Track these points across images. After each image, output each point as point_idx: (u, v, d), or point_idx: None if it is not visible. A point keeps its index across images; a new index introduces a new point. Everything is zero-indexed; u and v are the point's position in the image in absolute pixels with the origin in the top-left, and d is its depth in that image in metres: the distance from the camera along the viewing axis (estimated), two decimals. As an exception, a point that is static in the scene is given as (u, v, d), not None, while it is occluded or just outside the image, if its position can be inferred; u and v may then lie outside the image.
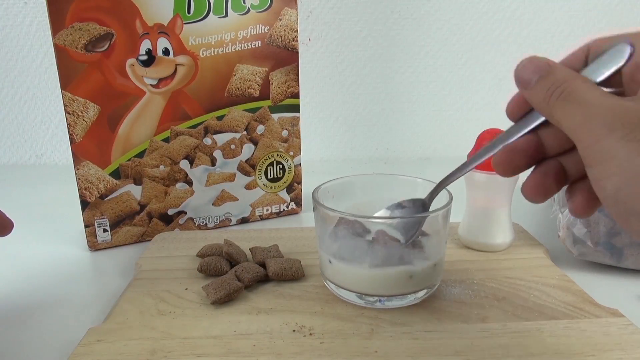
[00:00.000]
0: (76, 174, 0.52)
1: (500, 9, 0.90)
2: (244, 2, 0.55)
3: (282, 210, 0.64)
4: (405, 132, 0.95)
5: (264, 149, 0.60)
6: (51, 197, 0.74)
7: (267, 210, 0.63)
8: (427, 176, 0.46)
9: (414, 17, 0.90)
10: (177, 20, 0.52)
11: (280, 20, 0.57)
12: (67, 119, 0.50)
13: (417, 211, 0.40)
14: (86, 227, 0.54)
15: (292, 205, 0.65)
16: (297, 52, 0.59)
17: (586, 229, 0.46)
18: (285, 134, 0.61)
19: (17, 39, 0.89)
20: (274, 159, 0.61)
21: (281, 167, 0.62)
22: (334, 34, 0.90)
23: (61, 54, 0.49)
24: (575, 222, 0.46)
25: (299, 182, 0.64)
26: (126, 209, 0.55)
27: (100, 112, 0.52)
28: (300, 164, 0.63)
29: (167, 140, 0.55)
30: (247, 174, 0.60)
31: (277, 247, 0.49)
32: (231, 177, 0.60)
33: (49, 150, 0.94)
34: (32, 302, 0.45)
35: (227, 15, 0.54)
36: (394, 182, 0.47)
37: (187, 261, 0.49)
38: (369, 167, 0.89)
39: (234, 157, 0.59)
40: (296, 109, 0.61)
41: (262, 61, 0.57)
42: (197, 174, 0.58)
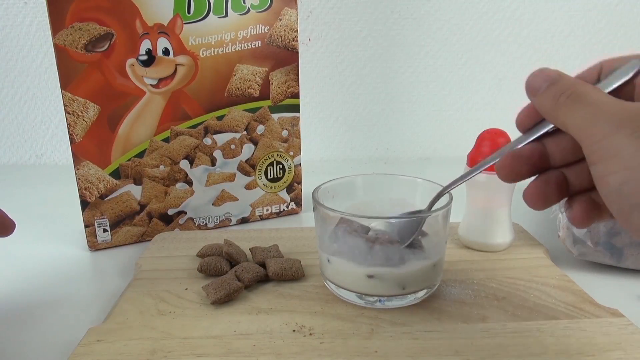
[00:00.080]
0: (76, 174, 0.52)
1: (500, 9, 0.90)
2: (244, 2, 0.55)
3: (282, 210, 0.64)
4: (405, 132, 0.95)
5: (264, 149, 0.60)
6: (51, 197, 0.74)
7: (267, 210, 0.63)
8: (427, 176, 0.46)
9: (414, 17, 0.90)
10: (177, 20, 0.52)
11: (280, 20, 0.57)
12: (67, 119, 0.50)
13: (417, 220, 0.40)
14: (86, 227, 0.54)
15: (292, 205, 0.65)
16: (297, 52, 0.59)
17: (586, 229, 0.46)
18: (285, 134, 0.61)
19: (17, 39, 0.89)
20: (274, 159, 0.61)
21: (281, 167, 0.62)
22: (334, 34, 0.90)
23: (61, 54, 0.49)
24: (575, 222, 0.46)
25: (299, 182, 0.64)
26: (126, 209, 0.55)
27: (100, 112, 0.52)
28: (300, 164, 0.63)
29: (167, 140, 0.55)
30: (247, 174, 0.60)
31: (277, 247, 0.49)
32: (231, 177, 0.60)
33: (49, 150, 0.94)
34: (32, 302, 0.45)
35: (227, 15, 0.54)
36: (394, 182, 0.47)
37: (187, 261, 0.49)
38: (369, 167, 0.89)
39: (234, 157, 0.59)
40: (296, 109, 0.61)
41: (262, 61, 0.57)
42: (197, 174, 0.58)
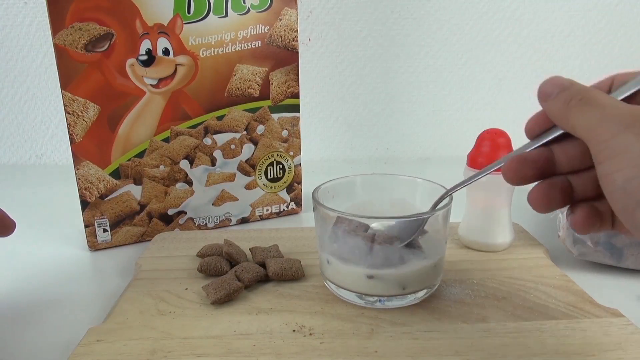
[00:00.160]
0: (76, 174, 0.52)
1: (500, 9, 0.90)
2: (244, 2, 0.55)
3: (282, 210, 0.64)
4: (405, 132, 0.95)
5: (264, 149, 0.60)
6: (51, 197, 0.74)
7: (267, 210, 0.63)
8: (427, 176, 0.46)
9: (414, 17, 0.90)
10: (177, 20, 0.52)
11: (280, 20, 0.57)
12: (67, 119, 0.50)
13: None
14: (86, 227, 0.54)
15: (292, 205, 0.65)
16: (297, 52, 0.59)
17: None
18: (285, 134, 0.61)
19: (17, 39, 0.89)
20: (274, 159, 0.61)
21: (281, 167, 0.62)
22: (334, 34, 0.90)
23: (61, 54, 0.49)
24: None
25: (299, 182, 0.64)
26: (126, 209, 0.55)
27: (100, 112, 0.52)
28: (300, 164, 0.63)
29: (167, 140, 0.55)
30: (247, 174, 0.60)
31: (277, 247, 0.49)
32: (231, 177, 0.60)
33: (49, 150, 0.94)
34: (32, 302, 0.45)
35: (227, 15, 0.54)
36: (394, 182, 0.47)
37: (187, 261, 0.49)
38: (369, 167, 0.89)
39: (234, 157, 0.59)
40: (296, 109, 0.61)
41: (262, 61, 0.57)
42: (197, 174, 0.58)
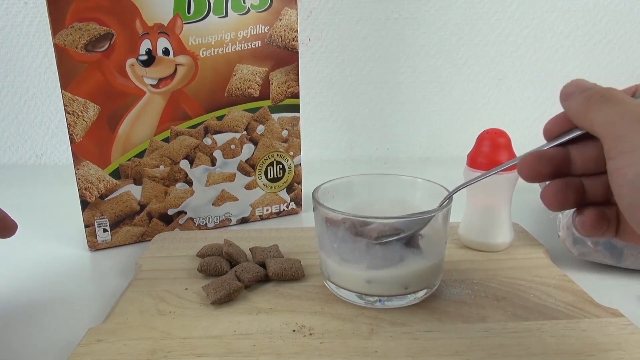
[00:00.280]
0: (76, 174, 0.52)
1: (500, 9, 0.90)
2: (244, 2, 0.55)
3: (282, 210, 0.64)
4: (405, 132, 0.95)
5: (264, 149, 0.60)
6: (51, 197, 0.74)
7: (267, 210, 0.63)
8: (427, 176, 0.46)
9: (414, 17, 0.90)
10: (177, 20, 0.52)
11: (280, 20, 0.57)
12: (67, 119, 0.50)
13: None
14: (86, 227, 0.54)
15: (292, 205, 0.65)
16: (297, 52, 0.59)
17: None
18: (285, 134, 0.61)
19: (17, 39, 0.89)
20: (274, 159, 0.61)
21: (281, 167, 0.62)
22: (334, 34, 0.90)
23: (61, 54, 0.49)
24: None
25: (299, 182, 0.64)
26: (126, 209, 0.55)
27: (100, 112, 0.52)
28: (300, 164, 0.63)
29: (167, 140, 0.55)
30: (247, 174, 0.60)
31: (277, 247, 0.49)
32: (231, 177, 0.60)
33: (49, 150, 0.94)
34: (32, 302, 0.45)
35: (227, 15, 0.54)
36: (394, 182, 0.47)
37: (187, 261, 0.49)
38: (369, 167, 0.89)
39: (234, 157, 0.59)
40: (296, 109, 0.61)
41: (262, 61, 0.57)
42: (197, 174, 0.58)
